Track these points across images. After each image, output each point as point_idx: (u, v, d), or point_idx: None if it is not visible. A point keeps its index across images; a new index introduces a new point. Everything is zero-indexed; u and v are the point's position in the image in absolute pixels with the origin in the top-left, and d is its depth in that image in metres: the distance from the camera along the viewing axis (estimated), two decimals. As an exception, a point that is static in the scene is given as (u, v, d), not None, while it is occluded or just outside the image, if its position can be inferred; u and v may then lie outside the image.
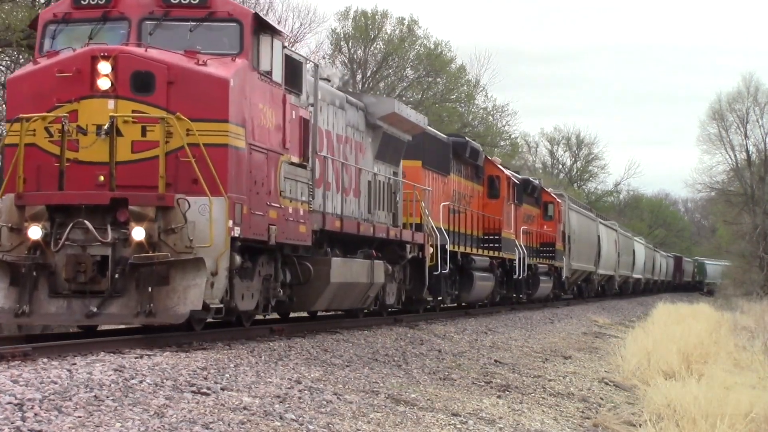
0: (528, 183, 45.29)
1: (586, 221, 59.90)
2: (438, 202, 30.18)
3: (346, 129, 22.76)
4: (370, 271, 22.72)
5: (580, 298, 59.99)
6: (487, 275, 34.95)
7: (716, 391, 17.44)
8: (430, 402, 14.36)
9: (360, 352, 18.22)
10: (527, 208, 44.41)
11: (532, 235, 44.38)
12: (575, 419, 15.92)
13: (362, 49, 66.47)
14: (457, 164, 33.20)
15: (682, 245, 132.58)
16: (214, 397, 11.64)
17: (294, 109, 18.68)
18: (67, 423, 9.42)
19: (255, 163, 16.94)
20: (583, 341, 30.11)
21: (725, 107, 79.02)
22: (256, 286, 17.73)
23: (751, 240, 74.14)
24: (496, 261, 36.35)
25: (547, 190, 50.79)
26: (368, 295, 23.19)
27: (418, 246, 26.73)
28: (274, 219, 17.67)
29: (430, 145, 29.93)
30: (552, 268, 47.90)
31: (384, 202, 25.15)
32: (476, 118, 73.05)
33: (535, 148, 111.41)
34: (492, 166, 37.42)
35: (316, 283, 20.05)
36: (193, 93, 15.98)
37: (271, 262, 18.59)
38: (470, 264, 32.71)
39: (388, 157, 25.58)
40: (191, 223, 15.54)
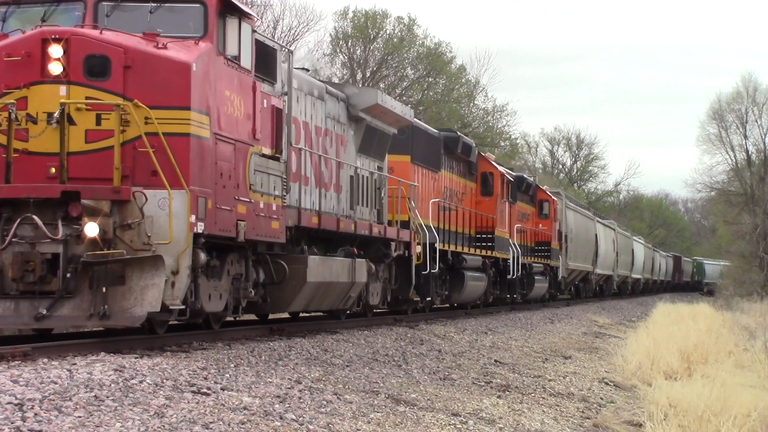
0: (522, 180, 43.86)
1: (583, 220, 58.68)
2: (427, 198, 29.10)
3: (326, 121, 21.67)
4: (351, 270, 21.61)
5: (578, 298, 58.88)
6: (480, 275, 33.75)
7: (717, 391, 17.43)
8: (430, 402, 14.32)
9: (360, 352, 18.18)
10: (522, 206, 43.14)
11: (527, 234, 43.18)
12: (575, 419, 15.88)
13: (362, 49, 66.53)
14: (448, 160, 31.92)
15: (682, 245, 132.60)
16: (214, 397, 11.61)
17: (266, 98, 17.54)
18: (67, 423, 9.39)
19: (221, 155, 15.80)
20: (583, 341, 30.05)
21: (724, 107, 79.05)
22: (224, 286, 16.66)
23: (751, 240, 74.04)
24: (488, 260, 35.03)
25: (543, 188, 49.48)
26: (349, 295, 22.08)
27: (404, 244, 25.69)
28: (243, 214, 16.55)
29: (419, 139, 28.81)
30: (548, 267, 46.65)
31: (368, 198, 24.07)
32: (476, 118, 73.11)
33: (535, 148, 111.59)
34: (485, 163, 36.11)
35: (292, 282, 19.00)
36: (152, 78, 14.83)
37: (242, 260, 17.48)
38: (461, 263, 31.53)
39: (372, 151, 24.48)
40: (149, 218, 14.50)
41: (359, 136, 23.53)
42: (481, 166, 35.72)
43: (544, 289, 45.90)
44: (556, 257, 48.72)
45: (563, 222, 51.23)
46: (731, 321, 40.98)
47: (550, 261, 47.27)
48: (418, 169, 28.53)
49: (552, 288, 48.70)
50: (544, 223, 47.20)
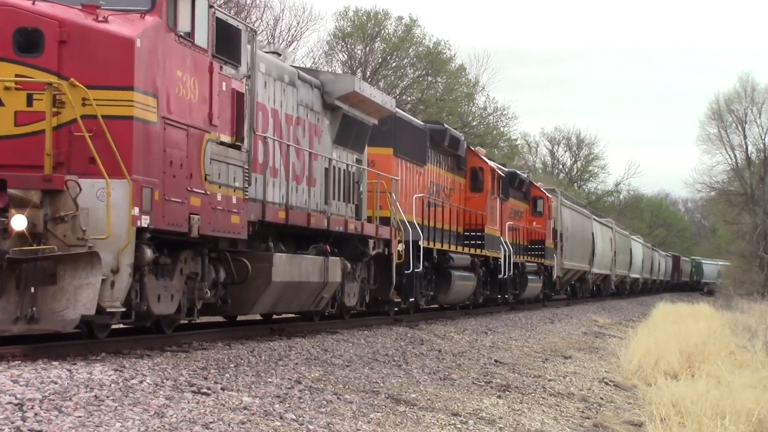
0: (515, 176, 41.98)
1: (579, 218, 56.66)
2: (411, 194, 27.56)
3: (298, 109, 20.12)
4: (323, 270, 20.10)
5: (574, 298, 57.13)
6: (468, 274, 31.95)
7: (718, 391, 17.44)
8: (430, 402, 14.28)
9: (360, 352, 18.16)
10: (514, 203, 41.54)
11: (520, 232, 41.48)
12: (575, 419, 15.85)
13: (362, 49, 66.56)
14: (435, 154, 30.31)
15: (682, 245, 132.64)
16: (214, 397, 11.59)
17: (225, 80, 15.99)
18: (67, 423, 9.36)
19: (171, 141, 14.25)
20: (583, 341, 30.05)
21: (723, 107, 79.17)
22: (176, 286, 15.12)
23: (751, 240, 74.01)
24: (478, 259, 33.22)
25: (537, 184, 47.53)
26: (322, 296, 20.54)
27: (383, 242, 24.06)
28: (198, 207, 14.98)
29: (402, 131, 27.20)
30: (541, 267, 44.80)
31: (344, 193, 22.38)
32: (476, 118, 73.15)
33: (536, 148, 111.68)
34: (475, 157, 34.27)
35: (255, 282, 17.56)
36: (91, 55, 13.31)
37: (198, 258, 15.90)
38: (448, 262, 29.72)
39: (350, 143, 22.82)
40: (84, 211, 13.00)
41: (335, 126, 21.98)
42: (470, 161, 34.02)
43: (538, 289, 44.14)
44: (550, 256, 46.89)
45: (558, 220, 49.45)
46: (731, 321, 41.00)
47: (545, 260, 45.33)
48: (401, 162, 27.04)
49: (546, 288, 46.96)
50: (538, 221, 45.31)
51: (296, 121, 20.07)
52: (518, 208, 42.70)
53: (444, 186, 31.40)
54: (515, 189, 41.84)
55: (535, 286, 43.14)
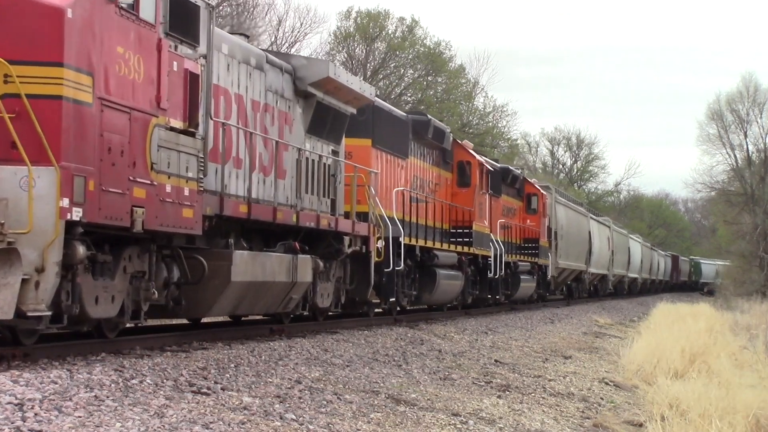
0: (508, 172, 40.62)
1: (575, 216, 55.24)
2: (392, 188, 26.21)
3: (266, 95, 18.71)
4: (291, 268, 18.63)
5: (570, 298, 55.85)
6: (455, 273, 30.42)
7: (718, 391, 17.44)
8: (430, 402, 14.29)
9: (360, 352, 18.16)
10: (507, 200, 40.35)
11: (513, 230, 40.15)
12: (575, 419, 15.85)
13: (364, 49, 66.60)
14: (418, 146, 28.84)
15: (682, 245, 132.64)
16: (214, 397, 11.59)
17: (176, 60, 14.48)
18: (67, 423, 9.34)
19: (109, 125, 12.75)
20: (584, 341, 30.03)
21: (724, 107, 79.19)
22: (119, 286, 13.64)
23: (751, 240, 73.97)
24: (466, 257, 31.70)
25: (531, 181, 46.31)
26: (290, 296, 19.13)
27: (361, 239, 22.50)
28: (142, 199, 13.50)
29: (382, 121, 25.62)
30: (535, 266, 43.52)
31: (318, 186, 20.87)
32: (476, 117, 73.15)
33: (536, 148, 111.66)
34: (462, 151, 32.73)
35: (213, 282, 16.08)
36: (15, 26, 11.99)
37: (145, 255, 14.43)
38: (433, 260, 28.16)
39: (325, 133, 21.29)
40: (3, 201, 11.72)
41: (308, 115, 20.48)
42: (457, 155, 32.43)
43: (532, 289, 42.71)
44: (544, 255, 45.51)
45: (553, 218, 48.07)
46: (731, 321, 41.01)
47: (539, 259, 44.08)
48: (381, 154, 25.56)
49: (540, 288, 45.59)
50: (532, 218, 44.12)
51: (264, 108, 18.58)
52: (511, 205, 41.48)
53: (428, 180, 29.93)
54: (508, 185, 40.62)
55: (529, 286, 41.68)
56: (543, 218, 45.32)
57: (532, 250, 43.27)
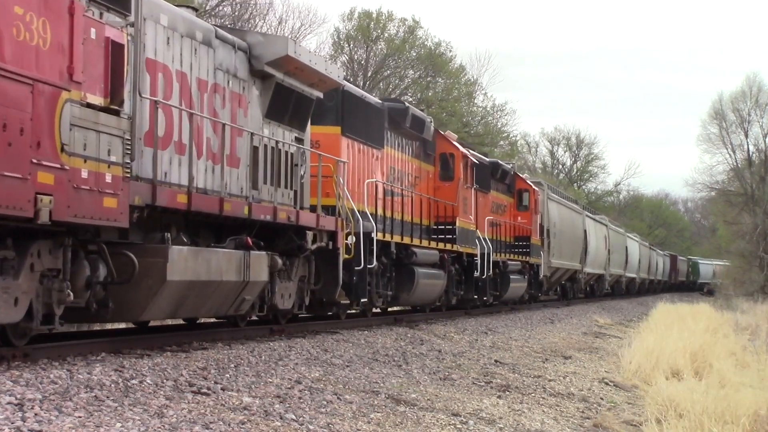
0: (497, 167, 38.59)
1: (569, 214, 53.14)
2: (365, 180, 24.36)
3: (215, 74, 16.79)
4: (242, 266, 16.72)
5: (564, 299, 54.12)
6: (437, 272, 28.45)
7: (718, 391, 17.45)
8: (430, 402, 14.29)
9: (360, 352, 18.15)
10: (497, 196, 38.42)
11: (502, 228, 38.07)
12: (575, 419, 15.85)
13: (364, 50, 66.66)
14: (395, 136, 26.87)
15: (682, 245, 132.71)
16: (214, 397, 11.59)
17: (95, 27, 12.59)
18: (67, 423, 9.33)
19: (4, 98, 10.95)
20: (584, 341, 30.03)
21: (726, 107, 79.25)
22: (24, 286, 11.97)
23: (751, 240, 73.98)
24: (449, 255, 29.76)
25: (522, 176, 44.16)
26: (243, 297, 17.17)
27: (327, 234, 20.54)
28: (50, 186, 11.64)
29: (353, 108, 23.58)
30: (526, 265, 41.30)
31: (279, 176, 18.96)
32: (476, 117, 73.18)
33: (536, 148, 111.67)
34: (445, 142, 30.76)
35: (146, 282, 14.28)
36: None
37: (58, 251, 12.64)
38: (411, 258, 26.17)
39: (287, 118, 19.33)
40: None
41: (266, 97, 18.53)
42: (439, 146, 30.45)
43: (523, 289, 40.57)
44: (536, 254, 43.50)
45: (545, 215, 46.22)
46: (732, 321, 41.03)
47: (530, 258, 41.92)
48: (352, 143, 23.63)
49: (532, 288, 43.52)
50: (524, 215, 42.04)
51: (213, 89, 16.61)
52: (501, 201, 39.62)
53: (407, 173, 28.00)
54: (497, 181, 38.81)
55: (519, 286, 39.70)
56: (535, 215, 43.30)
57: (523, 249, 41.10)
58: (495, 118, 74.42)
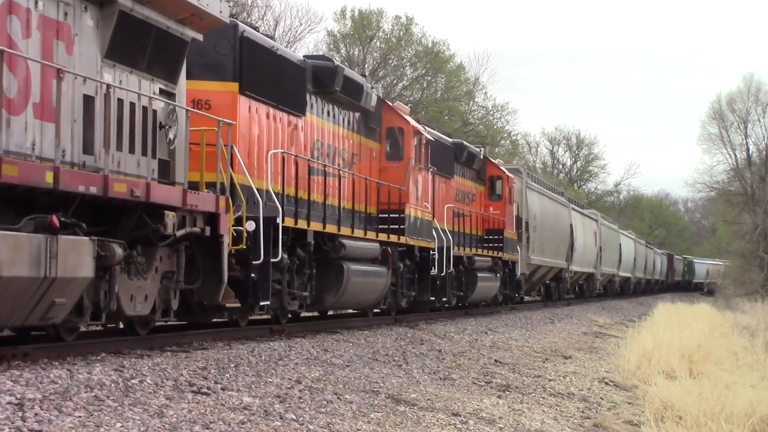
0: (462, 149, 33.99)
1: (553, 206, 48.52)
2: (271, 151, 19.40)
3: None
4: (42, 256, 11.97)
5: (549, 300, 49.85)
6: (376, 269, 23.85)
7: (718, 391, 17.45)
8: (430, 402, 14.30)
9: (360, 352, 18.16)
10: (463, 183, 34.12)
11: (469, 219, 33.65)
12: (575, 419, 15.85)
13: (360, 49, 66.68)
14: (323, 103, 21.92)
15: (682, 245, 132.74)
16: (214, 397, 11.61)
17: None
18: (67, 423, 9.35)
19: None
20: (584, 341, 30.06)
21: (726, 107, 79.29)
22: None
23: (752, 240, 74.07)
24: (396, 249, 25.14)
25: (495, 162, 39.35)
26: (50, 300, 12.31)
27: (202, 216, 15.71)
28: None
29: (258, 61, 18.88)
30: (499, 262, 36.34)
31: (133, 140, 14.06)
32: (476, 117, 73.21)
33: (536, 148, 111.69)
34: (393, 115, 25.95)
35: None
36: None
37: None
38: (338, 250, 21.50)
39: (145, 62, 14.46)
40: None
41: (107, 31, 13.62)
42: (386, 120, 25.74)
43: (494, 289, 36.00)
44: (512, 249, 38.74)
45: (524, 206, 42.00)
46: (732, 321, 41.04)
47: (503, 254, 36.97)
48: (254, 105, 18.82)
49: (507, 288, 38.88)
50: (496, 206, 37.34)
51: (8, 8, 11.98)
52: (468, 189, 35.07)
53: (342, 149, 23.16)
54: (464, 165, 34.35)
55: (489, 286, 34.93)
56: (509, 206, 38.50)
57: (494, 243, 36.30)
58: (496, 117, 74.47)
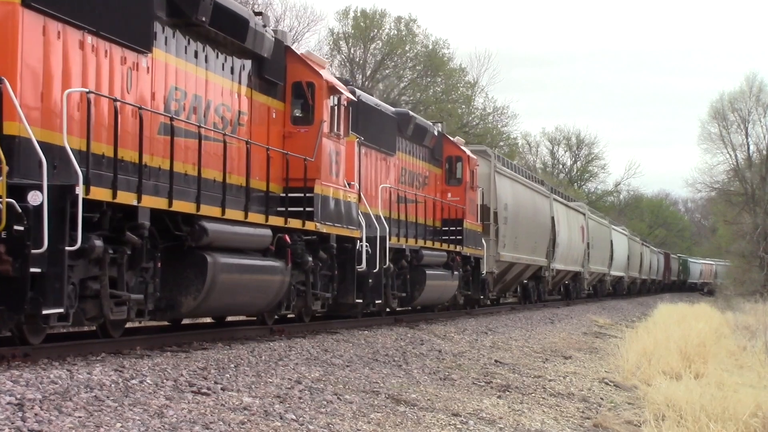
0: (408, 120, 28.34)
1: (530, 195, 42.97)
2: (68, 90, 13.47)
3: None
4: None
5: (527, 302, 44.73)
6: (264, 263, 18.11)
7: (717, 391, 17.45)
8: (430, 402, 14.31)
9: (360, 352, 18.16)
10: (410, 162, 28.63)
11: (418, 205, 28.12)
12: (575, 419, 15.85)
13: (362, 49, 66.70)
14: (183, 38, 16.34)
15: (682, 245, 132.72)
16: (214, 397, 11.62)
17: None
18: (67, 423, 9.36)
19: None
20: (583, 341, 30.01)
21: (727, 106, 79.31)
22: None
23: (752, 240, 74.06)
24: (299, 237, 19.53)
25: (454, 140, 32.65)
26: None
27: None
28: None
29: None
30: (457, 257, 30.48)
31: None
32: (476, 118, 73.20)
33: (536, 148, 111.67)
34: (299, 66, 20.28)
35: None
36: None
37: None
38: (199, 237, 15.87)
39: None
40: None
41: None
42: (291, 72, 20.14)
43: (451, 289, 30.23)
44: (475, 243, 32.89)
45: (492, 193, 36.38)
46: (732, 321, 41.04)
47: (464, 248, 31.22)
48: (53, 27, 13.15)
49: (469, 288, 32.83)
50: (455, 191, 31.62)
51: None
52: (419, 170, 29.60)
53: (219, 104, 17.65)
54: (412, 141, 28.84)
55: (443, 286, 29.30)
56: (471, 192, 32.83)
57: (453, 236, 30.48)
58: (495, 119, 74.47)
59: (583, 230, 55.20)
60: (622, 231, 74.32)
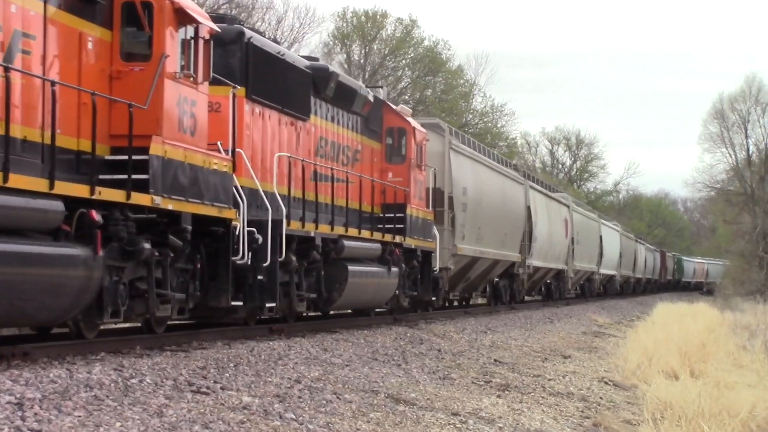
0: (328, 77, 22.32)
1: (498, 180, 36.79)
2: None
3: None
4: None
5: (499, 304, 38.65)
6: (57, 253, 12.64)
7: (716, 391, 17.45)
8: (429, 401, 14.31)
9: (359, 352, 18.16)
10: (333, 131, 23.05)
11: (352, 186, 23.34)
12: (575, 419, 15.84)
13: (362, 50, 66.69)
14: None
15: (682, 245, 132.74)
16: (213, 397, 11.62)
17: None
18: (67, 422, 9.36)
19: None
20: (583, 341, 30.01)
21: (727, 106, 79.41)
22: None
23: (751, 239, 74.10)
24: (124, 216, 14.04)
25: (396, 108, 27.09)
26: None
27: None
28: None
29: None
30: (396, 250, 25.09)
31: None
32: (475, 117, 73.19)
33: (536, 147, 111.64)
34: None
35: None
36: None
37: None
38: None
39: None
40: None
41: None
42: None
43: (389, 289, 24.75)
44: (423, 233, 27.32)
45: (446, 174, 30.63)
46: (731, 320, 41.05)
47: (407, 238, 25.90)
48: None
49: (417, 289, 27.11)
50: (398, 170, 26.37)
51: None
52: (347, 142, 24.07)
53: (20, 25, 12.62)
54: (335, 104, 23.12)
55: (375, 284, 23.95)
56: (419, 172, 27.38)
57: (391, 223, 25.42)
58: (494, 118, 74.43)
59: (566, 223, 49.17)
60: (613, 226, 67.95)
